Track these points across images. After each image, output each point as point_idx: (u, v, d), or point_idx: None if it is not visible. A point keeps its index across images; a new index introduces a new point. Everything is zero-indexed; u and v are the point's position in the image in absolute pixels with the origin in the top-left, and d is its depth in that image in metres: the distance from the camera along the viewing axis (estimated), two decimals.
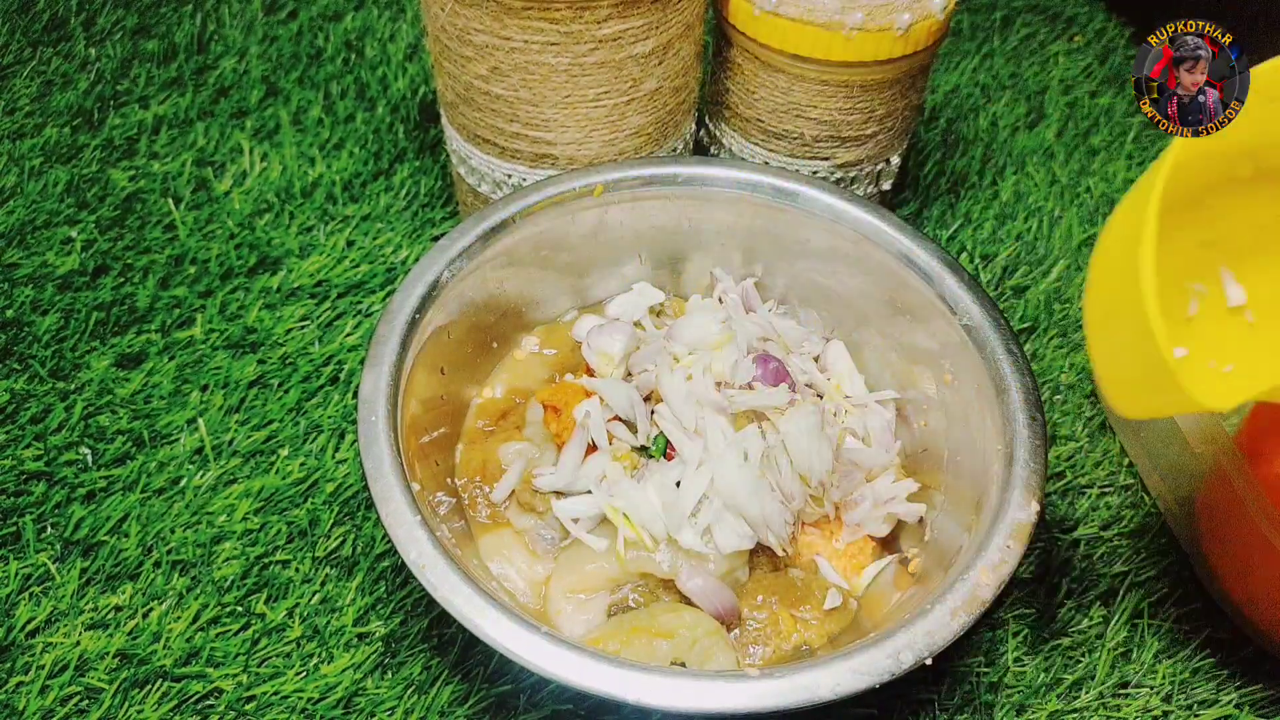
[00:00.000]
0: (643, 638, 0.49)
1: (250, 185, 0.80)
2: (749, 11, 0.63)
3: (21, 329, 0.69)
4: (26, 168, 0.79)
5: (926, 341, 0.59)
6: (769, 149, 0.70)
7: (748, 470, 0.51)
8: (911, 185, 0.83)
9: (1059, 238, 0.80)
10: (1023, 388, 0.52)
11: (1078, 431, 0.69)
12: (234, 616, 0.57)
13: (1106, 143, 0.89)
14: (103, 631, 0.56)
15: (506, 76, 0.60)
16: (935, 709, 0.55)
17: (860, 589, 0.55)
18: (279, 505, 0.61)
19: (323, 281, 0.73)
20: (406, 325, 0.54)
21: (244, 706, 0.54)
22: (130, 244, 0.75)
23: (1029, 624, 0.59)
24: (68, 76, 0.88)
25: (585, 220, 0.62)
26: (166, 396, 0.66)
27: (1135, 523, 0.64)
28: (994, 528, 0.47)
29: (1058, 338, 0.74)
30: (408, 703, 0.54)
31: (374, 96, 0.88)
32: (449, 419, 0.59)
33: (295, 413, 0.66)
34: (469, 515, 0.57)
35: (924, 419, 0.60)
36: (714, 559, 0.52)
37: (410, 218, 0.78)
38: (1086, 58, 0.97)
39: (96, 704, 0.53)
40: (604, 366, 0.58)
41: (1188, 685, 0.57)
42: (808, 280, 0.64)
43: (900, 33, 0.61)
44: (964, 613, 0.44)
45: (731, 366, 0.56)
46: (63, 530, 0.59)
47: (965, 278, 0.57)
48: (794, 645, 0.52)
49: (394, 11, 0.97)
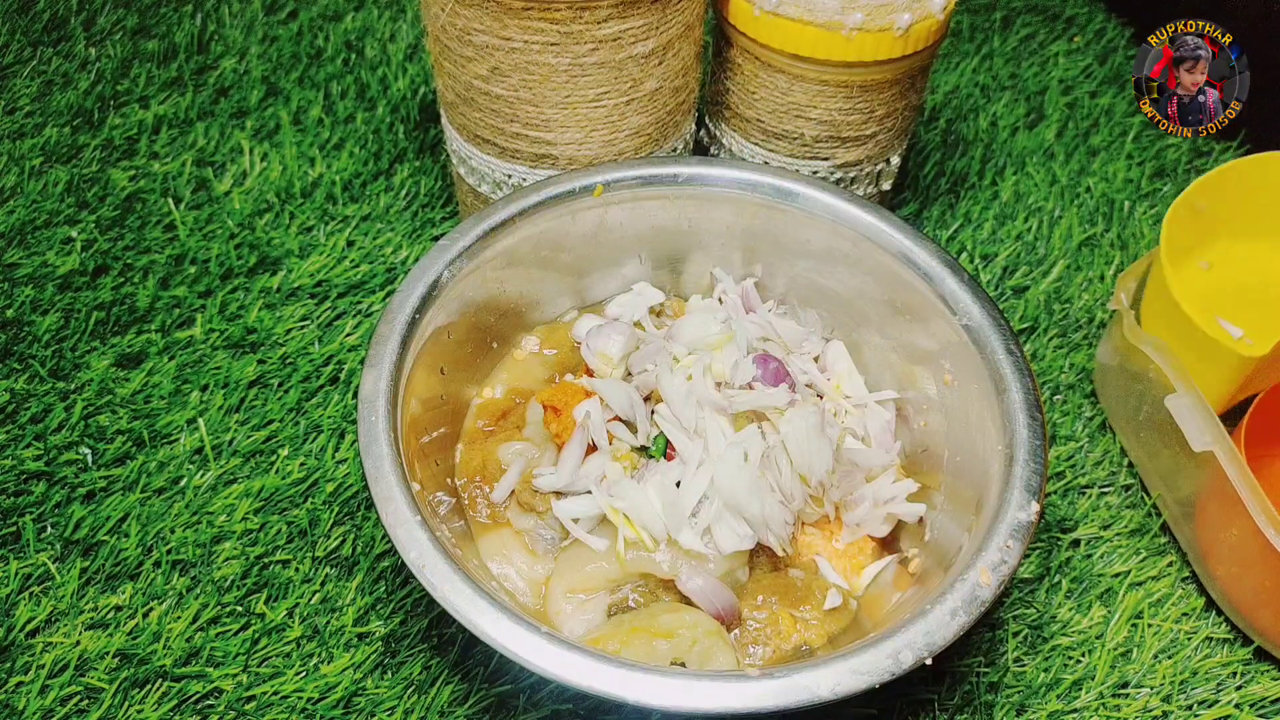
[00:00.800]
0: (642, 638, 0.49)
1: (250, 185, 0.80)
2: (749, 11, 0.63)
3: (21, 329, 0.69)
4: (26, 168, 0.79)
5: (926, 341, 0.59)
6: (769, 149, 0.70)
7: (748, 470, 0.51)
8: (911, 185, 0.83)
9: (1059, 238, 0.80)
10: (1023, 388, 0.52)
11: (1078, 431, 0.69)
12: (234, 616, 0.57)
13: (1106, 143, 0.89)
14: (103, 631, 0.56)
15: (506, 76, 0.60)
16: (935, 709, 0.55)
17: (860, 589, 0.55)
18: (279, 505, 0.61)
19: (323, 281, 0.73)
20: (406, 325, 0.54)
21: (244, 706, 0.54)
22: (130, 244, 0.75)
23: (1029, 624, 0.59)
24: (68, 76, 0.88)
25: (585, 220, 0.62)
26: (166, 396, 0.66)
27: (1135, 523, 0.64)
28: (994, 528, 0.47)
29: (1058, 338, 0.74)
30: (408, 703, 0.54)
31: (374, 96, 0.88)
32: (449, 419, 0.59)
33: (295, 413, 0.66)
34: (469, 515, 0.57)
35: (924, 419, 0.60)
36: (714, 559, 0.51)
37: (410, 218, 0.78)
38: (1086, 58, 0.97)
39: (96, 704, 0.53)
40: (603, 367, 0.58)
41: (1188, 685, 0.57)
42: (808, 280, 0.64)
43: (900, 33, 0.61)
44: (964, 613, 0.44)
45: (731, 367, 0.56)
46: (63, 530, 0.59)
47: (965, 278, 0.57)
48: (794, 645, 0.52)
49: (394, 11, 0.97)
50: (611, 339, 0.58)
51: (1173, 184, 0.85)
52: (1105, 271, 0.78)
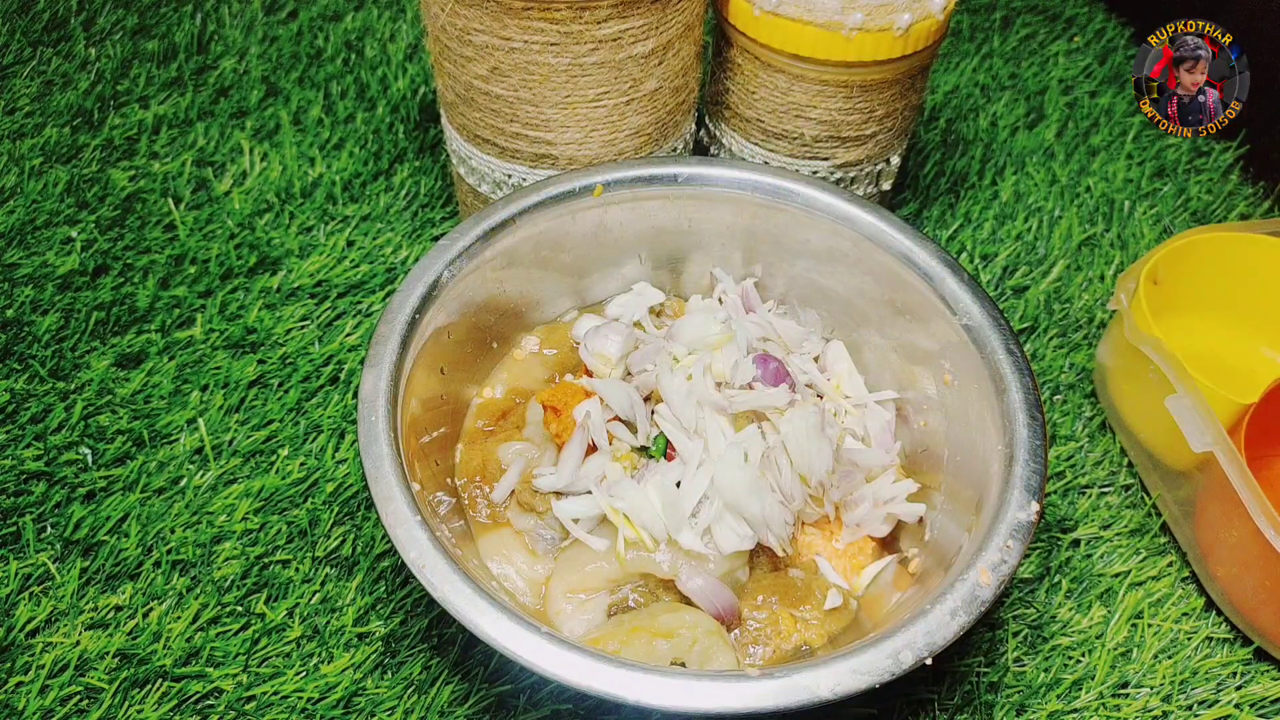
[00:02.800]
0: (642, 637, 0.49)
1: (250, 185, 0.80)
2: (749, 11, 0.63)
3: (21, 329, 0.69)
4: (26, 168, 0.79)
5: (926, 341, 0.59)
6: (769, 149, 0.70)
7: (748, 470, 0.51)
8: (911, 185, 0.83)
9: (1059, 238, 0.80)
10: (1023, 388, 0.52)
11: (1078, 431, 0.69)
12: (234, 616, 0.57)
13: (1106, 143, 0.89)
14: (103, 631, 0.56)
15: (506, 77, 0.60)
16: (935, 709, 0.55)
17: (860, 589, 0.55)
18: (279, 505, 0.61)
19: (323, 281, 0.73)
20: (406, 325, 0.54)
21: (244, 706, 0.54)
22: (130, 244, 0.75)
23: (1029, 624, 0.59)
24: (68, 76, 0.88)
25: (585, 220, 0.62)
26: (166, 396, 0.66)
27: (1135, 523, 0.64)
28: (994, 528, 0.47)
29: (1058, 338, 0.74)
30: (407, 703, 0.54)
31: (374, 96, 0.88)
32: (449, 419, 0.59)
33: (295, 413, 0.66)
34: (469, 515, 0.57)
35: (924, 419, 0.60)
36: (714, 559, 0.51)
37: (410, 218, 0.78)
38: (1086, 58, 0.97)
39: (96, 704, 0.53)
40: (601, 368, 0.58)
41: (1188, 685, 0.57)
42: (808, 280, 0.64)
43: (900, 33, 0.61)
44: (964, 613, 0.44)
45: (731, 366, 0.56)
46: (63, 530, 0.59)
47: (965, 278, 0.57)
48: (794, 645, 0.52)
49: (394, 11, 0.97)
50: (609, 339, 0.58)
51: (1173, 184, 0.85)
52: (1105, 271, 0.78)
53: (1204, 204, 0.84)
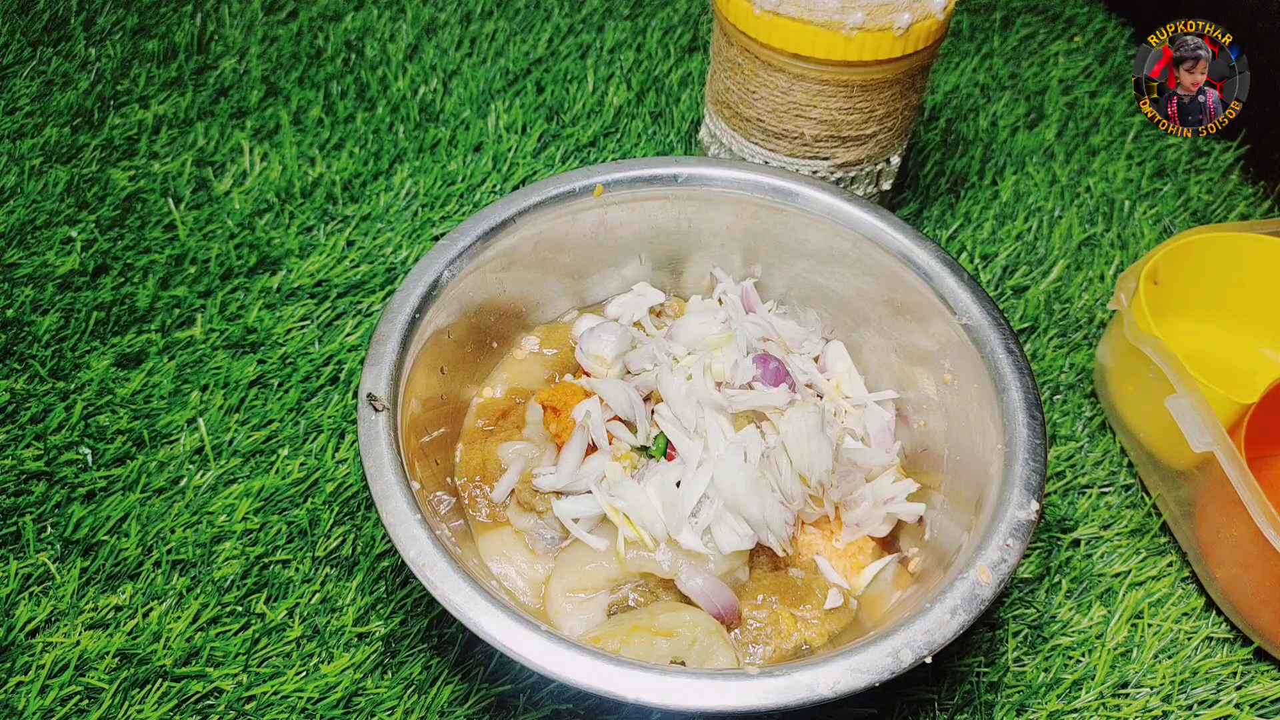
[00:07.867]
0: (642, 636, 0.49)
1: (250, 185, 0.80)
2: (749, 11, 0.63)
3: (21, 329, 0.69)
4: (26, 168, 0.79)
5: (926, 341, 0.59)
6: (769, 149, 0.70)
7: (748, 470, 0.51)
8: (911, 185, 0.83)
9: (1059, 238, 0.80)
10: (1023, 387, 0.52)
11: (1078, 431, 0.69)
12: (234, 616, 0.57)
13: (1106, 143, 0.89)
14: (103, 631, 0.56)
15: None
16: (935, 708, 0.55)
17: (860, 588, 0.55)
18: (279, 505, 0.61)
19: (323, 281, 0.73)
20: (406, 325, 0.54)
21: (244, 706, 0.54)
22: (130, 244, 0.75)
23: (1029, 624, 0.59)
24: (68, 76, 0.88)
25: (585, 220, 0.62)
26: (166, 396, 0.66)
27: (1135, 523, 0.64)
28: (993, 527, 0.47)
29: (1058, 338, 0.74)
30: (408, 702, 0.54)
31: (374, 96, 0.88)
32: (449, 419, 0.59)
33: (295, 413, 0.66)
34: (469, 515, 0.57)
35: (924, 419, 0.60)
36: (714, 559, 0.52)
37: (410, 218, 0.78)
38: (1086, 58, 0.97)
39: (96, 704, 0.53)
40: (598, 369, 0.58)
41: (1188, 685, 0.57)
42: (808, 280, 0.64)
43: (900, 33, 0.61)
44: (963, 612, 0.44)
45: (731, 366, 0.56)
46: (63, 530, 0.59)
47: (965, 278, 0.57)
48: (794, 645, 0.52)
49: (394, 11, 0.97)
50: (604, 340, 0.58)
51: (1173, 184, 0.85)
52: (1105, 271, 0.78)
53: (1204, 204, 0.84)
